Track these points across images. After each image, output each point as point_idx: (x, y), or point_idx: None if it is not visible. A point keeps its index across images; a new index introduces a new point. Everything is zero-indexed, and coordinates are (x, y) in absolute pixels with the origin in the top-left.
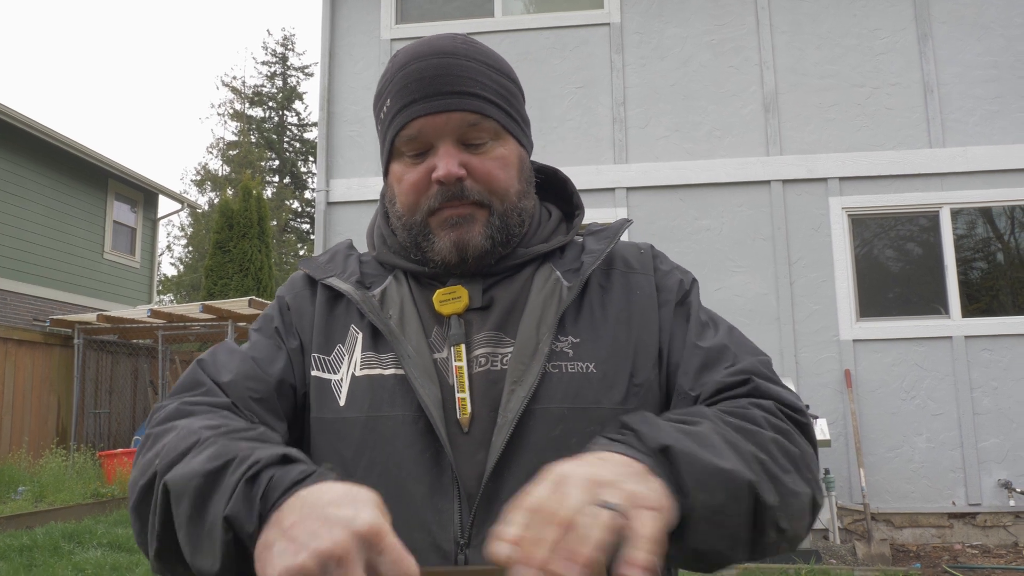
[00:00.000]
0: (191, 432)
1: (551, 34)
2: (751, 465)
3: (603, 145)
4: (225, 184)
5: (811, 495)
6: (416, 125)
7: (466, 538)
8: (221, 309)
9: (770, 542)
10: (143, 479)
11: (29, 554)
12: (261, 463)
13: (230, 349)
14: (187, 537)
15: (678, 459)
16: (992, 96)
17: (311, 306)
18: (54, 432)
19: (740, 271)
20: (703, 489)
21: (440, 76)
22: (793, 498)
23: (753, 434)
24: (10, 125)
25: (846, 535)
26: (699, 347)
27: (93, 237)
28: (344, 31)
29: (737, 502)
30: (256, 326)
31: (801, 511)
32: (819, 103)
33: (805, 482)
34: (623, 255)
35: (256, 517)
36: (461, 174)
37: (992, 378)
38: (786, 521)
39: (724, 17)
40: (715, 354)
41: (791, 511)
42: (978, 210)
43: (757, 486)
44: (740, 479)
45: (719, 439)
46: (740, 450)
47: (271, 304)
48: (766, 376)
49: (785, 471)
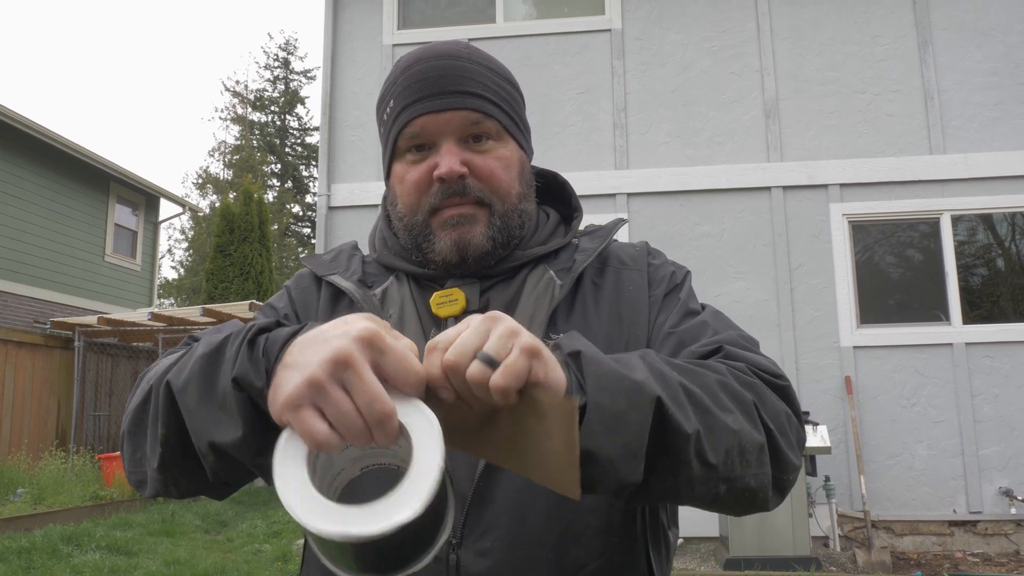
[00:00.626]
0: (182, 354)
1: (552, 40)
2: (670, 389)
3: (604, 151)
4: (227, 188)
5: (759, 440)
6: (419, 123)
7: (458, 538)
8: (221, 313)
9: (696, 475)
10: (137, 399)
11: (28, 556)
12: (256, 328)
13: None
14: (201, 418)
15: (585, 362)
16: (992, 103)
17: (316, 302)
18: (54, 434)
19: (741, 277)
20: (602, 390)
21: (444, 76)
22: (726, 433)
23: (694, 373)
24: (12, 127)
25: (846, 542)
26: (674, 332)
27: (94, 240)
28: (346, 36)
29: (637, 412)
30: (259, 313)
31: (741, 451)
32: (820, 109)
33: (752, 424)
34: (618, 254)
35: (263, 372)
36: (463, 171)
37: (993, 385)
38: (714, 455)
39: (725, 23)
40: (694, 332)
41: (721, 446)
42: (979, 217)
43: (667, 405)
44: (646, 391)
45: (642, 363)
46: (663, 375)
47: (277, 294)
48: (743, 346)
49: (723, 408)
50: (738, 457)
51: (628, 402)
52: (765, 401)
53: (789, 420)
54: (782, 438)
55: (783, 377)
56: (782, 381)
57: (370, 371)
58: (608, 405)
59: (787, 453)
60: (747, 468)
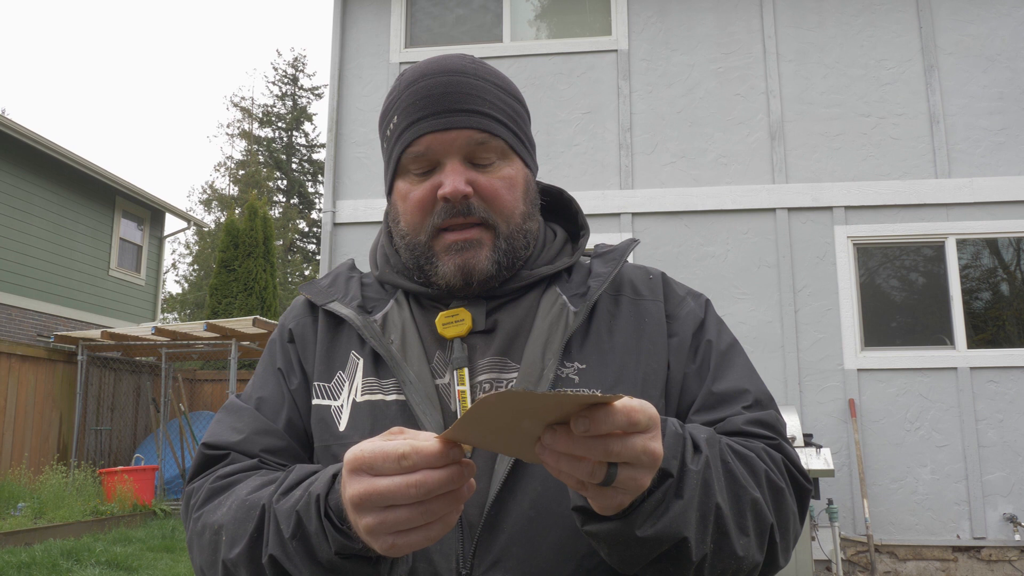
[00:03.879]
0: (240, 503)
1: (559, 60)
2: (703, 513)
3: (609, 171)
4: (232, 203)
5: (757, 560)
6: (424, 142)
7: (468, 568)
8: (225, 328)
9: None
10: (226, 555)
11: (28, 571)
12: (316, 496)
13: (235, 409)
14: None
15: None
16: (998, 128)
17: (313, 334)
18: (55, 448)
19: (744, 298)
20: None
21: (449, 94)
22: (731, 559)
23: (737, 484)
24: (18, 141)
25: (849, 567)
26: (712, 392)
27: (99, 254)
28: (354, 53)
29: (656, 544)
30: (262, 363)
31: (735, 572)
32: (825, 132)
33: (759, 546)
34: (631, 280)
35: (353, 534)
36: (468, 191)
37: (998, 410)
38: (710, 572)
39: (731, 45)
40: (731, 397)
41: (719, 566)
42: (984, 241)
43: (690, 543)
44: (678, 535)
45: (699, 482)
46: (708, 489)
47: (275, 335)
48: (783, 435)
49: (742, 532)
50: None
51: (656, 537)
52: (783, 513)
53: (794, 523)
54: (782, 548)
55: (808, 478)
56: (806, 483)
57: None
58: (639, 533)
59: (779, 559)
60: None
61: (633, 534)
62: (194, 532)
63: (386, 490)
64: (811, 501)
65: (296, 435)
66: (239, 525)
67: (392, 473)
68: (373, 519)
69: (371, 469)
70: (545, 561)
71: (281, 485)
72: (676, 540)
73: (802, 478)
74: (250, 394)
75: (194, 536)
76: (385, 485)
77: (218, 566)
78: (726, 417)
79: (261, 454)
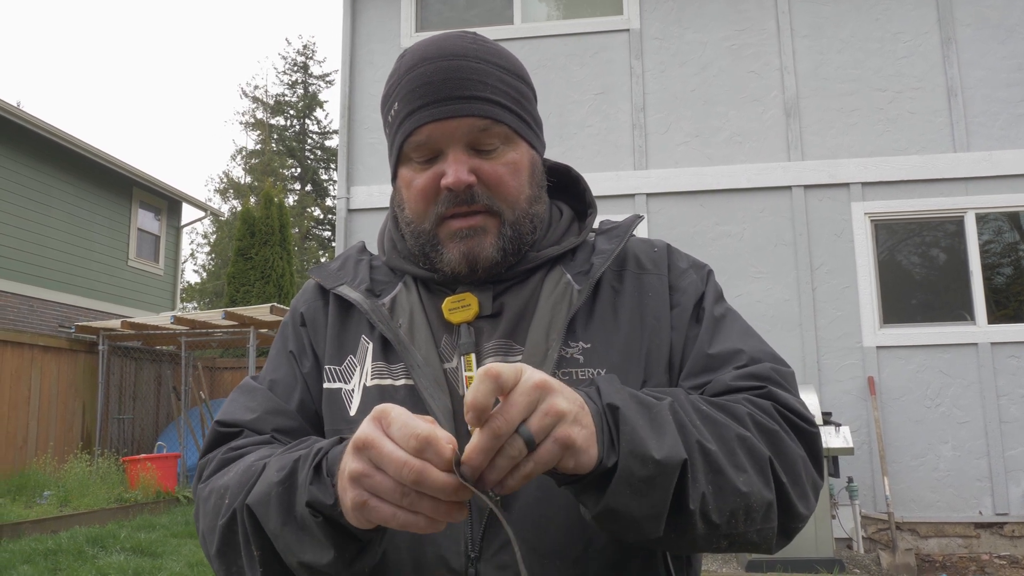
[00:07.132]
0: (247, 467)
1: (570, 41)
2: (688, 451)
3: (623, 151)
4: (248, 192)
5: (768, 498)
6: (425, 131)
7: (476, 551)
8: (243, 316)
9: (699, 533)
10: (222, 519)
11: (54, 558)
12: (323, 450)
13: (249, 389)
14: (288, 540)
15: (622, 422)
16: (1018, 99)
17: (324, 317)
18: (79, 437)
19: (761, 277)
20: (633, 456)
21: (449, 80)
22: (734, 495)
23: (716, 424)
24: (35, 133)
25: (870, 544)
26: (706, 354)
27: (118, 244)
28: (364, 39)
29: (664, 478)
30: (275, 347)
31: (747, 511)
32: (841, 107)
33: (763, 482)
34: (635, 254)
35: (331, 491)
36: (471, 180)
37: (1019, 385)
38: (719, 516)
39: (744, 22)
40: (725, 357)
41: (727, 507)
42: (1004, 215)
43: (687, 473)
44: (673, 461)
45: (672, 419)
46: (684, 430)
47: (287, 319)
48: (776, 381)
49: (737, 467)
50: (743, 517)
51: (656, 469)
52: (781, 451)
53: (805, 467)
54: (794, 489)
55: (810, 421)
56: (808, 425)
57: (389, 442)
58: (637, 471)
59: (796, 504)
60: (751, 525)
61: (612, 477)
62: (200, 498)
63: (388, 453)
64: (831, 479)
65: (308, 417)
66: (241, 486)
67: (402, 444)
68: (361, 467)
69: (388, 428)
70: (554, 542)
71: (290, 447)
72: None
73: (801, 421)
74: (264, 376)
75: (200, 503)
76: (390, 448)
77: (216, 532)
78: (716, 379)
79: (273, 433)
